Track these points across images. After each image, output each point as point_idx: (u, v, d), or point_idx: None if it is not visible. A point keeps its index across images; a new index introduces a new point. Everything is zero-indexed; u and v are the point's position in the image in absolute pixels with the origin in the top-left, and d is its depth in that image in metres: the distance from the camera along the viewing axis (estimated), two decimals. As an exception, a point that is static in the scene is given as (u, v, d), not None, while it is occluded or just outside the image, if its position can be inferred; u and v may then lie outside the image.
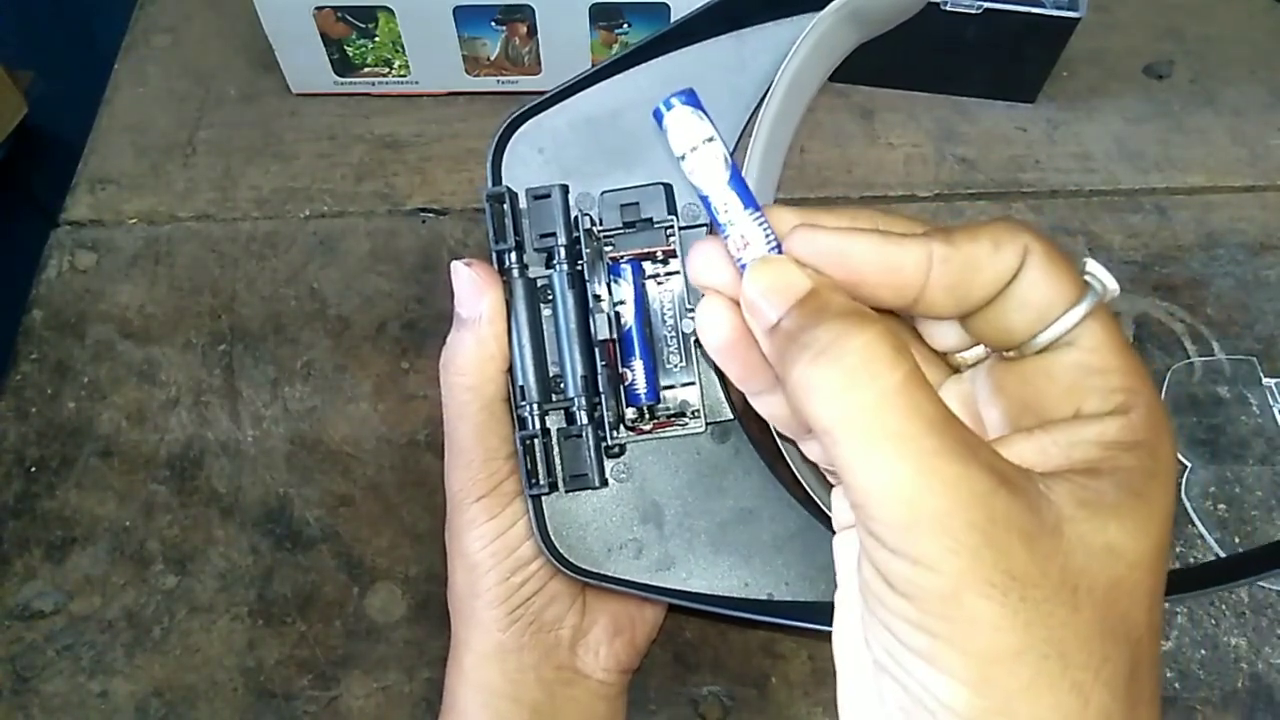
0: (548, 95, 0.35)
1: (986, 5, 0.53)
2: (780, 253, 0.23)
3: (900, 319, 0.26)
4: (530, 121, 0.35)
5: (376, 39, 0.56)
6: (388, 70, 0.58)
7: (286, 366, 0.51)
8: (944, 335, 0.25)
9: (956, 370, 0.26)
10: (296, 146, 0.59)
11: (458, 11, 0.55)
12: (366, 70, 0.58)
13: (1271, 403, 0.49)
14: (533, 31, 0.56)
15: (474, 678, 0.35)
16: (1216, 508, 0.46)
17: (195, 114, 0.60)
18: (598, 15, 0.54)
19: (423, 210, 0.56)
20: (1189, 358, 0.50)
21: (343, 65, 0.58)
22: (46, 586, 0.45)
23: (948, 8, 0.53)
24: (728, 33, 0.35)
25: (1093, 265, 0.24)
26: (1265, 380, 0.49)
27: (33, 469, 0.48)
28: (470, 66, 0.58)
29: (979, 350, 0.25)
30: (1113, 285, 0.23)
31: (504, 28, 0.56)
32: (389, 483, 0.47)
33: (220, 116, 0.60)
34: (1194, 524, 0.46)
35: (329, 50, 0.57)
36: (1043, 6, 0.54)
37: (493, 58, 0.57)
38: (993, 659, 0.19)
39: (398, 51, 0.57)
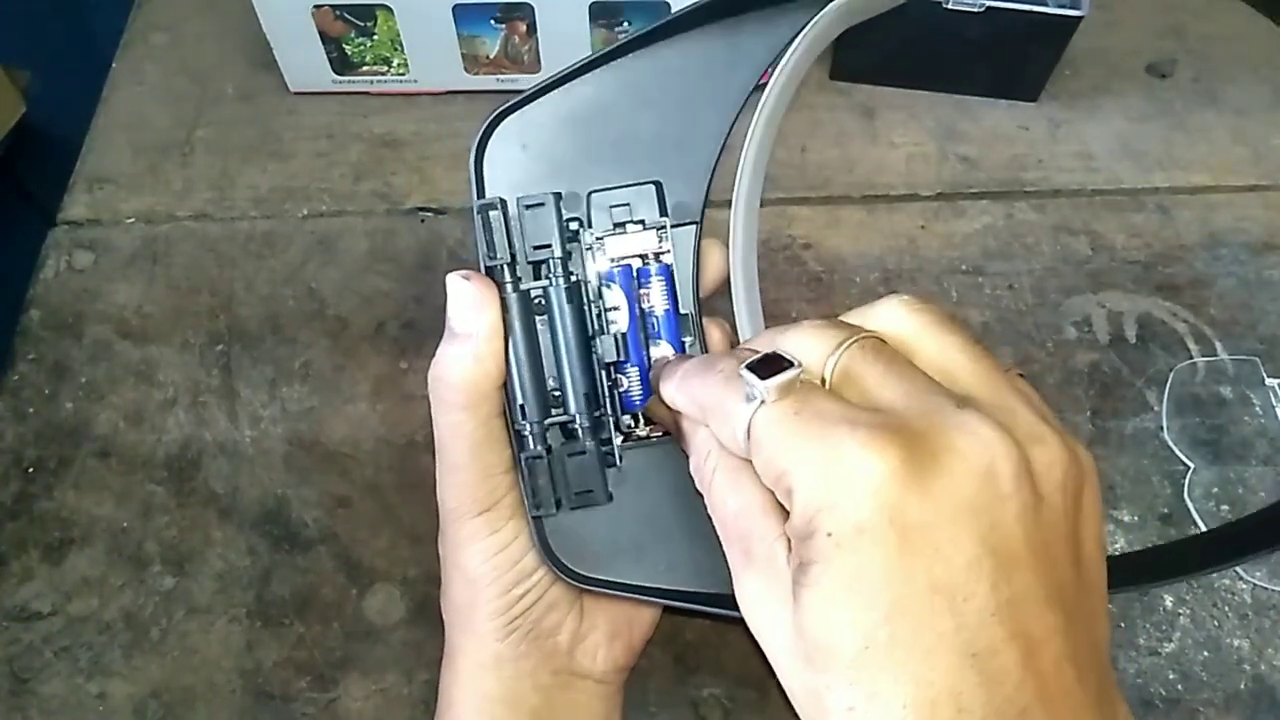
0: (532, 89, 0.33)
1: (989, 4, 0.52)
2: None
3: None
4: (513, 117, 0.33)
5: (375, 37, 0.56)
6: (386, 69, 0.58)
7: (284, 367, 0.50)
8: None
9: None
10: (295, 145, 0.58)
11: (457, 10, 0.54)
12: (365, 69, 0.58)
13: (1275, 403, 0.48)
14: (532, 30, 0.55)
15: (470, 684, 0.35)
16: (1219, 509, 0.46)
17: (193, 113, 0.60)
18: (598, 13, 0.54)
19: (421, 209, 0.56)
20: (1192, 358, 0.50)
21: (341, 64, 0.58)
22: (44, 587, 0.45)
23: (950, 6, 0.53)
24: (716, 24, 0.33)
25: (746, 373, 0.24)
26: (1268, 380, 0.49)
27: (30, 469, 0.48)
28: (469, 65, 0.58)
29: None
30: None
31: (503, 26, 0.55)
32: (387, 484, 0.47)
33: (218, 115, 0.60)
34: (1197, 525, 0.45)
35: (327, 48, 0.57)
36: (1045, 5, 0.53)
37: (492, 56, 0.57)
38: None
39: (396, 50, 0.57)
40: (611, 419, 0.33)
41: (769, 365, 0.24)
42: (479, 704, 0.35)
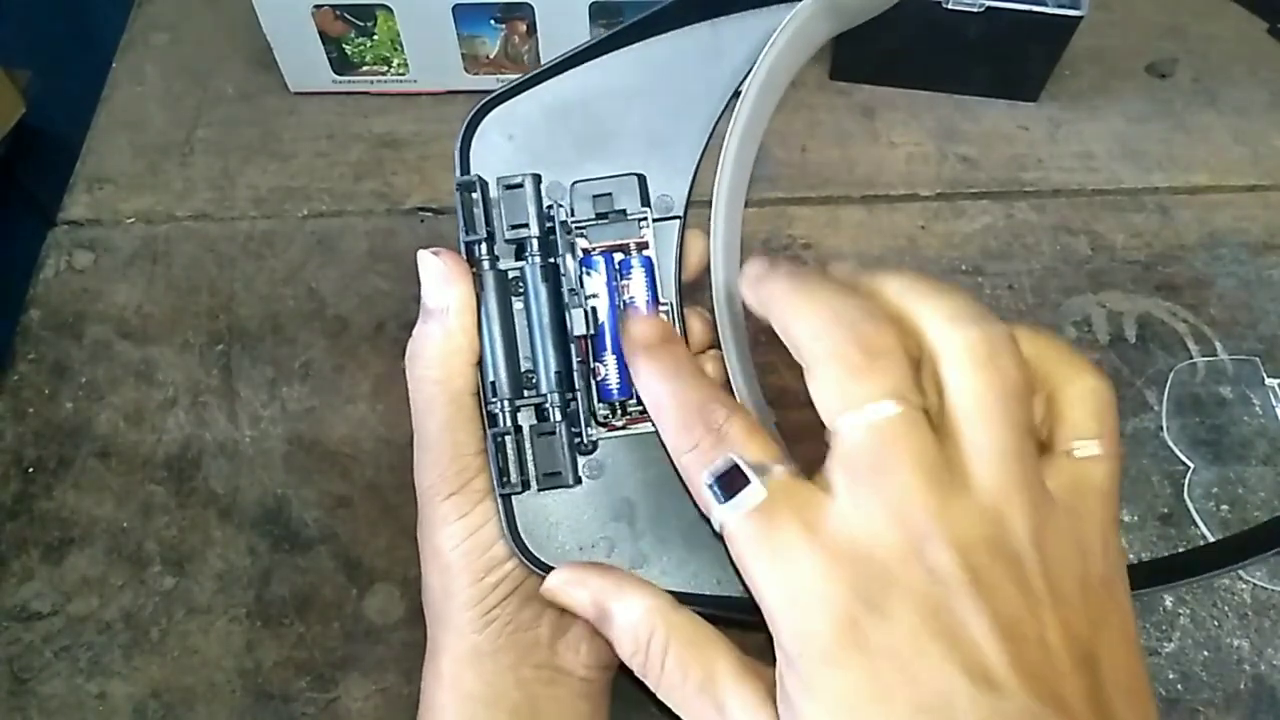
0: (519, 80, 0.34)
1: (988, 3, 0.52)
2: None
3: None
4: (501, 107, 0.34)
5: (375, 37, 0.56)
6: (386, 69, 0.58)
7: (284, 367, 0.50)
8: None
9: None
10: (295, 145, 0.58)
11: (457, 10, 0.54)
12: (365, 69, 0.58)
13: (1275, 403, 0.48)
14: (532, 30, 0.55)
15: (450, 683, 0.34)
16: (1219, 508, 0.46)
17: (193, 113, 0.60)
18: (597, 13, 0.54)
19: (421, 209, 0.56)
20: (1192, 358, 0.50)
21: (341, 64, 0.58)
22: (44, 587, 0.45)
23: (950, 6, 0.53)
24: (705, 21, 0.34)
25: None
26: (1268, 380, 0.49)
27: (30, 469, 0.48)
28: (469, 65, 0.58)
29: None
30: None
31: (503, 26, 0.55)
32: (387, 483, 0.47)
33: (218, 115, 0.60)
34: (1196, 525, 0.46)
35: (327, 48, 0.57)
36: (1045, 5, 0.53)
37: (492, 56, 0.57)
38: None
39: (396, 50, 0.57)
40: (585, 404, 0.33)
41: (733, 480, 0.25)
42: (459, 703, 0.34)
